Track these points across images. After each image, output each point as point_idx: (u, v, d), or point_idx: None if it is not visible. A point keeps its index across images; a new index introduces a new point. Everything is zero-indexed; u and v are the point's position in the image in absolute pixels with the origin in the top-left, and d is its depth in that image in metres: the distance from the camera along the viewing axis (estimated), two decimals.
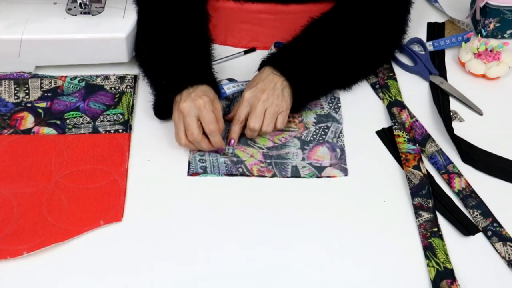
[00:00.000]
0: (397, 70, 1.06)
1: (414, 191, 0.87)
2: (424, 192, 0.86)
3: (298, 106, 0.95)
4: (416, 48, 1.09)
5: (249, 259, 0.80)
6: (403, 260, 0.80)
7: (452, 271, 0.78)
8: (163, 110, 0.94)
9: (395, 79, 1.04)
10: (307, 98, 0.96)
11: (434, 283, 0.77)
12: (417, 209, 0.85)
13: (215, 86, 0.93)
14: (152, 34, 0.98)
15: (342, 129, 0.96)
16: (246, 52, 1.08)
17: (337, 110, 0.99)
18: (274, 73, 0.92)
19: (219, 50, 1.07)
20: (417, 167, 0.89)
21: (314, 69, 0.94)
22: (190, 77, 0.91)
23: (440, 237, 0.82)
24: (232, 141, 0.92)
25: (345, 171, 0.90)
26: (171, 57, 0.94)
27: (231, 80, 0.99)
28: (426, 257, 0.80)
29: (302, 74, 0.93)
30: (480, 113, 0.98)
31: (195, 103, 0.87)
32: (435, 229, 0.82)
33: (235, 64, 1.06)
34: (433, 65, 1.05)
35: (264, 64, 0.95)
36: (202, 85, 0.90)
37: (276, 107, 0.90)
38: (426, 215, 0.84)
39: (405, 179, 0.89)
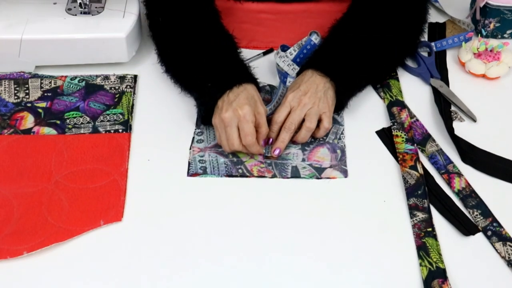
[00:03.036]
0: (399, 70, 1.06)
1: (410, 192, 0.87)
2: (419, 192, 0.86)
3: (341, 105, 0.95)
4: (421, 50, 1.09)
5: (249, 259, 0.80)
6: (397, 260, 0.80)
7: (444, 270, 0.78)
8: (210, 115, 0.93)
9: (397, 79, 1.04)
10: (349, 95, 0.96)
11: (425, 282, 0.77)
12: (412, 209, 0.85)
13: (257, 84, 0.93)
14: (176, 45, 0.97)
15: (343, 130, 0.96)
16: (265, 54, 1.08)
17: (339, 111, 0.98)
18: (316, 74, 0.92)
19: None
20: (414, 167, 0.89)
21: (353, 66, 0.95)
22: (233, 76, 0.91)
23: (434, 237, 0.82)
24: (271, 140, 0.92)
25: (345, 173, 0.90)
26: (208, 62, 0.93)
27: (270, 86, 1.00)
28: (419, 256, 0.80)
29: (343, 72, 0.94)
30: (474, 119, 0.98)
31: (236, 113, 0.86)
32: (429, 229, 0.83)
33: (255, 65, 1.06)
34: (436, 69, 1.05)
35: (304, 67, 0.95)
36: (246, 85, 0.90)
37: (317, 108, 0.90)
38: (421, 215, 0.84)
39: None
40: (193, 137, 0.95)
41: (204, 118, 0.94)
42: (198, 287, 0.78)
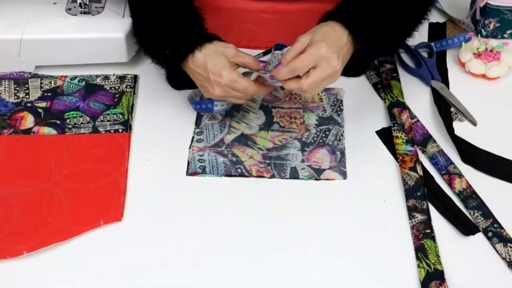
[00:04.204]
0: (400, 71, 1.06)
1: (409, 193, 0.87)
2: (419, 193, 0.86)
3: (364, 65, 0.90)
4: (422, 51, 1.09)
5: (247, 259, 0.80)
6: (395, 261, 0.80)
7: (442, 272, 0.78)
8: (178, 80, 0.92)
9: (399, 80, 1.04)
10: (371, 54, 0.90)
11: (423, 284, 0.77)
12: (411, 211, 0.85)
13: (217, 38, 0.89)
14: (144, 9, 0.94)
15: (343, 132, 0.96)
16: (265, 53, 1.08)
17: (339, 113, 0.98)
18: (337, 26, 0.83)
19: None
20: (413, 169, 0.89)
21: (378, 20, 0.87)
22: (192, 39, 0.87)
23: (433, 238, 0.82)
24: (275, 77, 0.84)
25: (344, 174, 0.90)
26: (168, 25, 0.90)
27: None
28: (417, 258, 0.80)
29: (368, 26, 0.85)
30: (474, 123, 0.97)
31: (220, 84, 0.85)
32: (428, 231, 0.82)
33: None
34: (437, 71, 1.04)
35: (330, 18, 0.86)
36: (207, 45, 0.86)
37: (334, 81, 0.83)
38: (419, 217, 0.84)
39: None
40: (193, 137, 0.95)
41: (174, 82, 0.94)
42: (198, 286, 0.78)
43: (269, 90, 0.89)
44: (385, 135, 0.95)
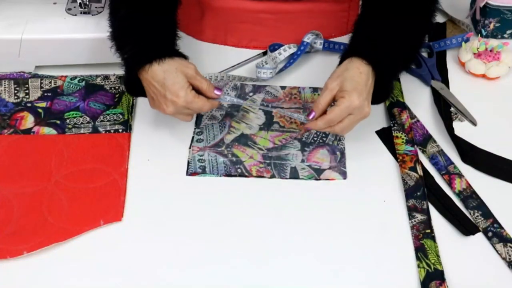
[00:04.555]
0: None
1: (409, 193, 0.87)
2: (419, 193, 0.86)
3: (386, 95, 0.91)
4: (421, 51, 1.09)
5: (247, 259, 0.81)
6: (395, 261, 0.80)
7: (442, 272, 0.78)
8: (134, 86, 0.91)
9: (398, 80, 1.03)
10: (391, 83, 0.91)
11: (423, 284, 0.77)
12: (411, 211, 0.85)
13: (179, 55, 0.88)
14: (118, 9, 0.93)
15: None
16: (265, 54, 1.08)
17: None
18: (361, 63, 0.84)
19: (233, 53, 1.07)
20: (413, 169, 0.89)
21: (395, 52, 0.88)
22: (153, 49, 0.87)
23: (433, 238, 0.82)
24: (314, 113, 0.85)
25: (344, 174, 0.90)
26: (135, 32, 0.90)
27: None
28: (417, 258, 0.80)
29: (388, 59, 0.87)
30: (474, 123, 0.97)
31: (176, 104, 0.85)
32: (428, 231, 0.83)
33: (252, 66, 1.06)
34: (437, 71, 1.04)
35: (352, 53, 0.86)
36: (168, 60, 0.86)
37: (364, 118, 0.86)
38: (419, 217, 0.84)
39: None
40: (193, 137, 0.95)
41: (129, 87, 0.93)
42: (198, 286, 0.78)
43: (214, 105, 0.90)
44: (385, 135, 0.95)
